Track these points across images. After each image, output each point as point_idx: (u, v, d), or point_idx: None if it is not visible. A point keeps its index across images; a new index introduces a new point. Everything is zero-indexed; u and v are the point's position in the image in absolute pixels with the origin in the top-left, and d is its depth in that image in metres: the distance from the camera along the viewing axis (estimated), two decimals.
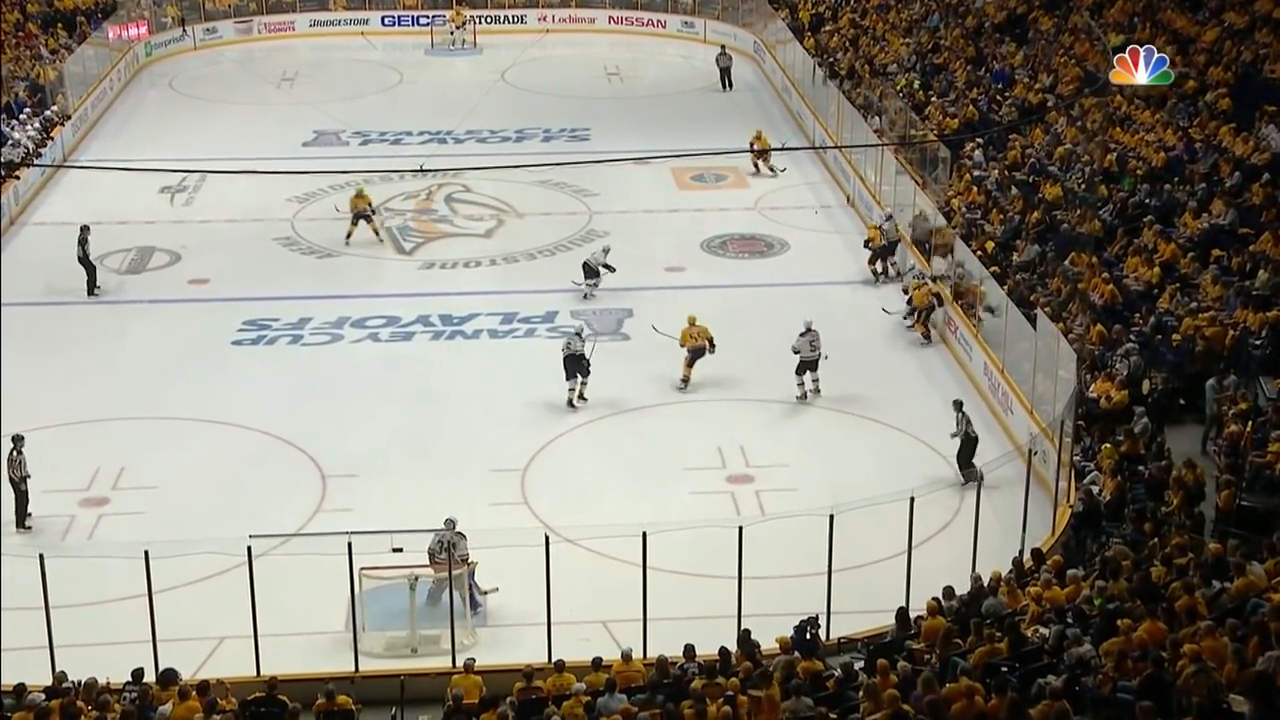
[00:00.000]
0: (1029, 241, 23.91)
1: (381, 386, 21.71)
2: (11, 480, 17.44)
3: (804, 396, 21.18)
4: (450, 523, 15.70)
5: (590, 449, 19.87)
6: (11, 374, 21.65)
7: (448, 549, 15.43)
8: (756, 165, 31.28)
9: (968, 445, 18.68)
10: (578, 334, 21.30)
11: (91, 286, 25.13)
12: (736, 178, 31.30)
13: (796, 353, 21.09)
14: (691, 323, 21.62)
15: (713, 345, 21.48)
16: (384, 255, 27.12)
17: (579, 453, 19.76)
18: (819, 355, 21.11)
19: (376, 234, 27.40)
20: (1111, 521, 16.19)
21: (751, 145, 31.39)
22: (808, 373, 21.16)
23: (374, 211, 27.57)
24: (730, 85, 38.40)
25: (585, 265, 25.13)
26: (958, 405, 19.27)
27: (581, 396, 20.87)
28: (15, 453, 17.46)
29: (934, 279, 23.72)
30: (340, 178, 29.99)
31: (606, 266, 24.97)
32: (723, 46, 39.75)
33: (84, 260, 25.11)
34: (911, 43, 36.11)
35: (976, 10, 35.85)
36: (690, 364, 21.47)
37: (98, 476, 18.83)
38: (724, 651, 13.49)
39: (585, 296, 24.77)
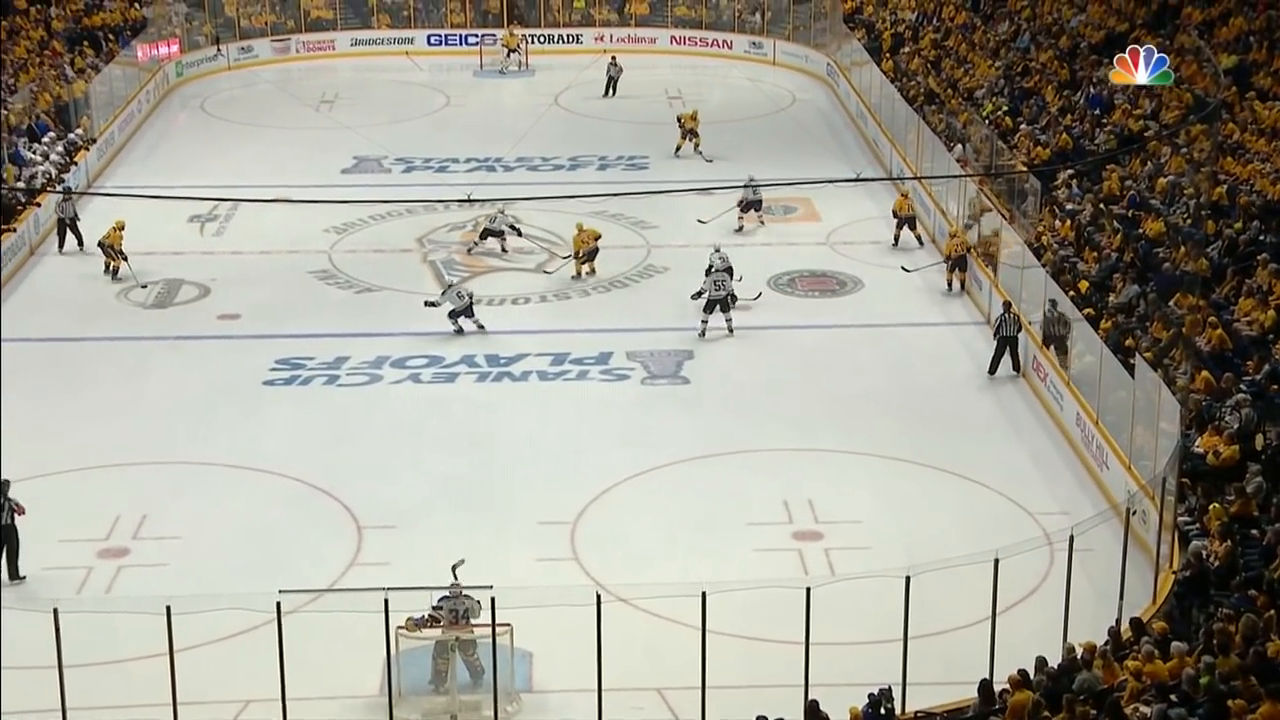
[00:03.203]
0: (1128, 281, 23.72)
1: (422, 431, 21.82)
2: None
3: (703, 334, 24.49)
4: (457, 588, 15.60)
5: (646, 501, 19.85)
6: (26, 414, 22.03)
7: (464, 617, 15.41)
8: (680, 144, 34.24)
9: (1000, 344, 22.97)
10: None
11: (80, 241, 28.22)
12: (807, 210, 31.35)
13: (701, 293, 24.41)
14: (579, 229, 26.79)
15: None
16: (426, 291, 27.30)
17: (634, 505, 19.76)
18: (726, 294, 24.36)
19: (110, 269, 27.25)
20: (1221, 590, 15.92)
21: (680, 120, 34.73)
22: (717, 310, 24.35)
23: (120, 254, 27.20)
24: (613, 93, 40.04)
25: (485, 230, 28.18)
26: (1006, 306, 23.10)
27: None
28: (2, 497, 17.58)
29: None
30: (382, 207, 30.36)
31: (513, 228, 28.13)
32: (613, 57, 40.98)
33: (71, 223, 27.98)
34: (999, 65, 36.06)
35: (1071, 30, 35.75)
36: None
37: (117, 525, 19.00)
38: None
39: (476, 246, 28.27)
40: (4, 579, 17.44)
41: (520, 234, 28.42)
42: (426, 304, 25.03)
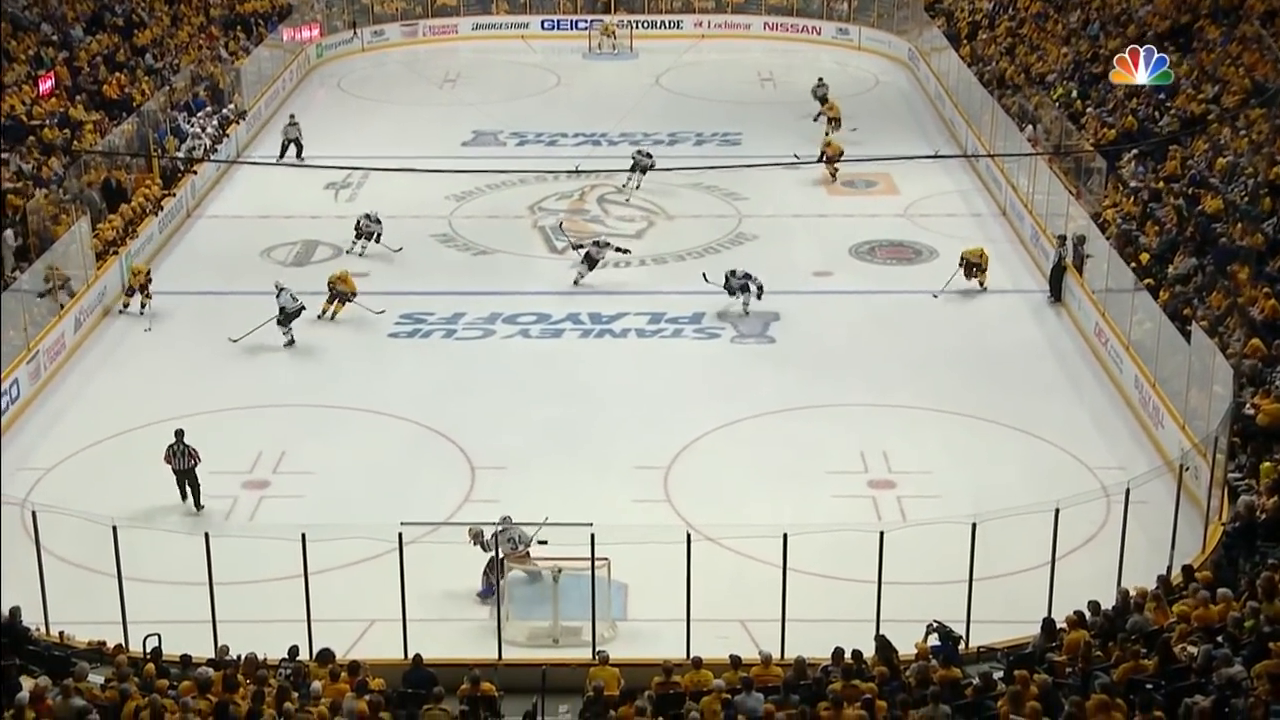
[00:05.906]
0: (1186, 254, 23.17)
1: (530, 382, 21.93)
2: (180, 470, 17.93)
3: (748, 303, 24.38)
4: (507, 518, 15.83)
5: (734, 449, 19.81)
6: (181, 360, 22.52)
7: (518, 542, 15.53)
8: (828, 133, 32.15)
9: (1057, 272, 24.18)
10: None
11: (300, 155, 31.29)
12: (886, 184, 30.96)
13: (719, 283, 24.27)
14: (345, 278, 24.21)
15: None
16: (536, 254, 27.42)
17: (722, 453, 19.72)
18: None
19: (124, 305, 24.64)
20: (1268, 541, 15.58)
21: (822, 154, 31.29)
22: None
23: (140, 291, 24.28)
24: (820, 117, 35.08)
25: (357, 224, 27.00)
26: (1060, 240, 24.33)
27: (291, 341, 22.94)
28: (179, 445, 17.87)
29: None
30: (497, 177, 30.46)
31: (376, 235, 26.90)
32: (820, 78, 36.18)
33: (295, 141, 31.25)
34: (1070, 51, 35.27)
35: (1139, 19, 34.85)
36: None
37: (260, 460, 19.34)
38: (838, 653, 13.33)
39: (360, 254, 26.67)
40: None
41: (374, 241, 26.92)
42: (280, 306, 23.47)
